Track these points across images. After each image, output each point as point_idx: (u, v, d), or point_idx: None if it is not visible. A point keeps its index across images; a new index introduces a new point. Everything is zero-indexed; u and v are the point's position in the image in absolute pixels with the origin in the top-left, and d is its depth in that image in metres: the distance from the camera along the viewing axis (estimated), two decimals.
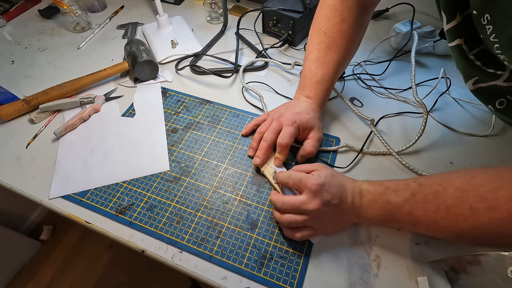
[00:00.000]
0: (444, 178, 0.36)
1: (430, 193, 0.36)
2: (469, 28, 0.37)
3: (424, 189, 0.37)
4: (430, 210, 0.35)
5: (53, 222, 1.37)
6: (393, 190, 0.39)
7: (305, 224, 0.40)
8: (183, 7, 0.89)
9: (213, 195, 0.49)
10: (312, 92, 0.53)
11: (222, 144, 0.55)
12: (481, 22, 0.33)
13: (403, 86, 0.63)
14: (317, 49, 0.53)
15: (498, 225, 0.30)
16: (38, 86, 0.64)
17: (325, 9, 0.53)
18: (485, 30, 0.33)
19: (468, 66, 0.41)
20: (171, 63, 0.72)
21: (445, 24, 0.39)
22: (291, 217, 0.40)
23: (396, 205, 0.38)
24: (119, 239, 0.45)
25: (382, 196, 0.39)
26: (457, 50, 0.40)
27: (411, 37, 0.65)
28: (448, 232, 0.35)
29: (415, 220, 0.37)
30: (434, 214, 0.35)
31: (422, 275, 0.40)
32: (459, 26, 0.38)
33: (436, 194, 0.35)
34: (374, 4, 0.54)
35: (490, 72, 0.39)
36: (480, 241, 0.35)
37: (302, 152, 0.50)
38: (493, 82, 0.40)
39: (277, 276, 0.41)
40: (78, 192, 0.49)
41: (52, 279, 1.24)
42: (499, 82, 0.39)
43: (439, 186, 0.36)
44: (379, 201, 0.39)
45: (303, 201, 0.39)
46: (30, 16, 0.87)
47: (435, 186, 0.36)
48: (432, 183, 0.37)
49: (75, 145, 0.56)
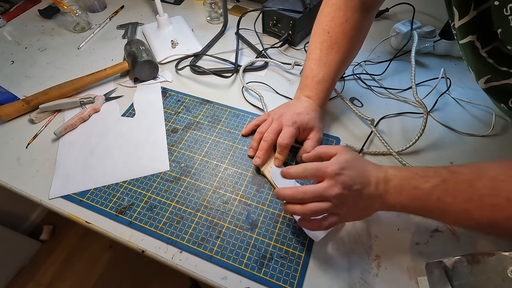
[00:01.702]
0: (477, 167, 0.35)
1: (462, 181, 0.34)
2: (483, 24, 0.36)
3: (456, 176, 0.35)
4: (462, 199, 0.33)
5: (53, 222, 1.37)
6: (422, 176, 0.36)
7: (330, 211, 0.38)
8: (183, 7, 0.89)
9: (213, 195, 0.49)
10: (313, 92, 0.53)
11: (222, 144, 0.55)
12: (504, 13, 0.32)
13: (403, 86, 0.63)
14: (319, 48, 0.53)
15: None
16: (38, 86, 0.64)
17: (329, 8, 0.53)
18: (507, 21, 0.32)
19: (481, 64, 0.40)
20: (171, 63, 0.72)
21: (457, 20, 0.38)
22: (316, 206, 0.38)
23: (425, 192, 0.35)
24: (119, 239, 0.45)
25: (409, 181, 0.37)
26: (469, 47, 0.39)
27: (411, 37, 0.65)
28: (480, 223, 0.33)
29: (445, 208, 0.35)
30: (466, 203, 0.33)
31: (422, 275, 0.40)
32: (472, 21, 0.37)
33: (469, 182, 0.33)
34: (377, 4, 0.54)
35: (503, 71, 0.38)
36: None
37: (302, 153, 0.50)
38: (506, 81, 0.39)
39: (277, 276, 0.41)
40: (78, 192, 0.49)
41: (52, 279, 1.24)
42: (511, 81, 0.38)
43: (473, 175, 0.34)
44: (406, 187, 0.37)
45: (325, 187, 0.37)
46: (30, 16, 0.87)
47: (468, 175, 0.34)
48: (465, 171, 0.35)
49: (75, 145, 0.56)
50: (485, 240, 0.43)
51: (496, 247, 0.43)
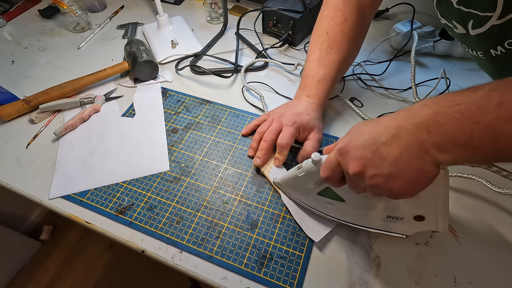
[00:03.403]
0: None
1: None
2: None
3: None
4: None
5: (53, 222, 1.37)
6: (459, 93, 0.26)
7: (373, 192, 0.33)
8: (183, 7, 0.89)
9: (213, 195, 0.49)
10: (313, 92, 0.53)
11: (222, 144, 0.55)
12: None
13: (403, 86, 0.63)
14: (319, 49, 0.53)
15: None
16: (38, 86, 0.64)
17: (328, 9, 0.53)
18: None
19: None
20: (171, 63, 0.72)
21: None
22: (356, 188, 0.34)
23: (475, 102, 0.25)
24: (119, 239, 0.45)
25: (448, 101, 0.27)
26: None
27: (411, 37, 0.65)
28: None
29: None
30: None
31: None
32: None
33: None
34: (376, 4, 0.54)
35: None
36: None
37: (302, 153, 0.50)
38: None
39: (277, 276, 0.41)
40: (78, 192, 0.49)
41: (52, 279, 1.24)
42: None
43: None
44: (445, 110, 0.26)
45: (350, 175, 0.32)
46: (30, 16, 0.87)
47: None
48: None
49: (75, 145, 0.56)
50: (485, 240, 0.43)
51: None
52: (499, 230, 0.44)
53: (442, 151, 0.27)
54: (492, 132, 0.24)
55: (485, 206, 0.46)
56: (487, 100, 0.24)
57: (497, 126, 0.24)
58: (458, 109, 0.25)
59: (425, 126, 0.27)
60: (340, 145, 0.33)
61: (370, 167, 0.31)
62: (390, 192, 0.31)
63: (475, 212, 0.45)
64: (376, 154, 0.30)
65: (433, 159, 0.28)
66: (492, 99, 0.24)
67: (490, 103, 0.24)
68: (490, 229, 0.44)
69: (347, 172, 0.33)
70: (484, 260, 0.41)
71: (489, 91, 0.24)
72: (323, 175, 0.36)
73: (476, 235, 0.43)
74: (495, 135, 0.24)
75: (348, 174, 0.33)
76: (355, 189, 0.35)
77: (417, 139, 0.28)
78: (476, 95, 0.25)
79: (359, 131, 0.33)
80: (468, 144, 0.25)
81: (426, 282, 0.40)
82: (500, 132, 0.24)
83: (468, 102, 0.25)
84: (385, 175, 0.30)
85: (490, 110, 0.24)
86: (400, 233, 0.40)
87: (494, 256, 0.42)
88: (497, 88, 0.24)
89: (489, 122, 0.24)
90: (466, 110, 0.25)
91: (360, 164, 0.31)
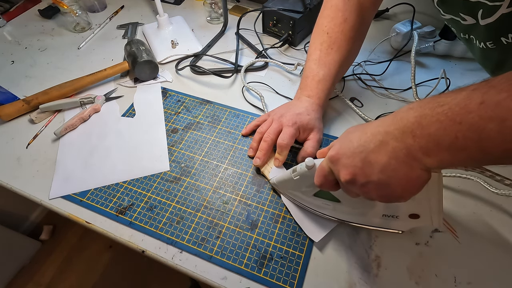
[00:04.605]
0: None
1: (504, 80, 0.23)
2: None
3: (492, 80, 0.24)
4: None
5: (53, 222, 1.37)
6: (444, 95, 0.26)
7: (367, 197, 0.33)
8: (183, 7, 0.89)
9: (213, 195, 0.49)
10: (313, 92, 0.53)
11: (222, 144, 0.55)
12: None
13: (403, 86, 0.63)
14: (319, 49, 0.53)
15: None
16: (38, 86, 0.64)
17: (328, 10, 0.54)
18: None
19: None
20: (171, 63, 0.72)
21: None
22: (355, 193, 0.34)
23: (458, 102, 0.25)
24: (119, 239, 0.45)
25: (431, 103, 0.26)
26: None
27: (411, 37, 0.65)
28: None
29: (499, 114, 0.22)
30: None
31: None
32: None
33: None
34: (376, 4, 0.54)
35: None
36: None
37: (302, 154, 0.50)
38: None
39: (277, 276, 0.41)
40: (78, 192, 0.49)
41: (52, 279, 1.24)
42: None
43: None
44: (429, 112, 0.26)
45: (343, 182, 0.33)
46: (30, 16, 0.87)
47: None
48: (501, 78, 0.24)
49: (75, 145, 0.56)
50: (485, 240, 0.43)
51: None
52: (499, 230, 0.44)
53: (428, 155, 0.27)
54: (475, 132, 0.24)
55: (485, 206, 0.46)
56: (470, 99, 0.24)
57: (480, 125, 0.23)
58: (441, 110, 0.25)
59: (411, 130, 0.27)
60: (331, 152, 0.34)
61: (361, 175, 0.31)
62: (382, 198, 0.31)
63: (475, 212, 0.46)
64: (366, 162, 0.30)
65: (421, 164, 0.28)
66: (474, 98, 0.24)
67: (472, 103, 0.24)
68: (490, 229, 0.44)
69: (339, 180, 0.33)
70: (484, 260, 0.41)
71: (472, 91, 0.24)
72: (317, 182, 0.37)
73: (476, 235, 0.43)
74: (478, 134, 0.24)
75: (341, 181, 0.33)
76: (349, 194, 0.35)
77: (404, 144, 0.28)
78: (460, 95, 0.25)
79: (349, 138, 0.33)
80: (453, 145, 0.25)
81: (426, 282, 0.40)
82: (483, 131, 0.23)
83: (452, 103, 0.25)
84: (375, 182, 0.30)
85: (473, 109, 0.24)
86: (395, 229, 0.42)
87: (494, 256, 0.42)
88: (479, 88, 0.24)
89: (472, 121, 0.24)
90: (449, 111, 0.25)
91: (351, 172, 0.31)
